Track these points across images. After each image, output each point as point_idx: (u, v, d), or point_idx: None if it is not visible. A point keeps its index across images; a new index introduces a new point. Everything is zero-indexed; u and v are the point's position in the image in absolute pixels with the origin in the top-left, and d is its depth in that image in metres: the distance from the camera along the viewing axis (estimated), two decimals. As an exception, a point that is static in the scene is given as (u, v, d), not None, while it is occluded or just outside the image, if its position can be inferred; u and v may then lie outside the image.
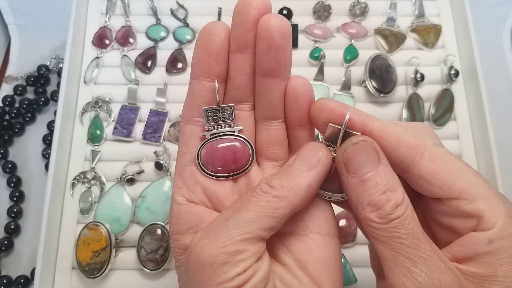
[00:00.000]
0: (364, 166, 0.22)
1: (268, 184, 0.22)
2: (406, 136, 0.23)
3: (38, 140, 0.56)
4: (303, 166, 0.23)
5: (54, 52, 0.61)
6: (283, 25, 0.23)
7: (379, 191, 0.21)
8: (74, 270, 0.45)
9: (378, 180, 0.21)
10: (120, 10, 0.56)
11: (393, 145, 0.23)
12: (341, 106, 0.23)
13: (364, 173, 0.22)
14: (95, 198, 0.47)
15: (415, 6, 0.57)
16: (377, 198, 0.21)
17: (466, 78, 0.53)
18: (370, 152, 0.22)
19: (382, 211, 0.21)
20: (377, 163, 0.22)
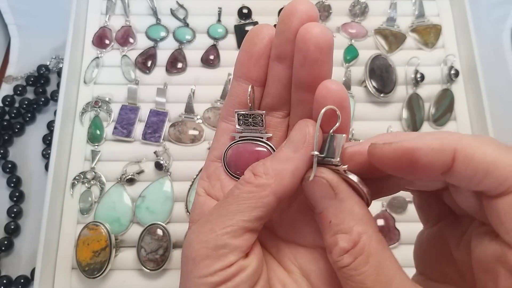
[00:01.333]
0: (319, 202, 0.21)
1: (252, 172, 0.21)
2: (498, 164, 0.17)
3: (38, 140, 0.56)
4: (290, 148, 0.21)
5: (54, 52, 0.61)
6: (322, 37, 0.20)
7: (331, 232, 0.20)
8: (74, 270, 0.45)
9: (330, 219, 0.20)
10: (120, 10, 0.56)
11: (478, 178, 0.17)
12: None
13: (320, 209, 0.21)
14: (95, 198, 0.47)
15: (415, 6, 0.57)
16: (328, 240, 0.20)
17: (466, 78, 0.53)
18: (323, 188, 0.20)
19: (331, 256, 0.20)
20: (332, 199, 0.20)
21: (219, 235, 0.20)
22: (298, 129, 0.22)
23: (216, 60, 0.53)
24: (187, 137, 0.49)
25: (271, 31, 0.23)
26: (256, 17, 0.56)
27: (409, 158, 0.18)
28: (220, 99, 0.51)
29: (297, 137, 0.21)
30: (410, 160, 0.18)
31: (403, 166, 0.19)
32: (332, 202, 0.20)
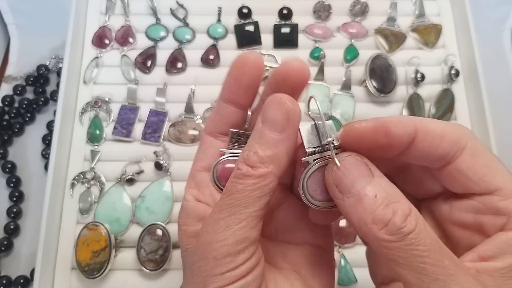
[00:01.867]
0: (357, 182, 0.20)
1: (247, 164, 0.21)
2: (447, 131, 0.21)
3: (38, 140, 0.56)
4: (274, 129, 0.21)
5: (53, 52, 0.60)
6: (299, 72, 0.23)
7: (381, 205, 0.19)
8: (74, 270, 0.45)
9: (376, 194, 0.19)
10: (119, 10, 0.56)
11: (435, 143, 0.21)
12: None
13: (359, 190, 0.20)
14: (94, 198, 0.47)
15: (416, 6, 0.57)
16: (381, 212, 0.19)
17: (467, 78, 0.53)
18: (360, 167, 0.20)
19: (391, 226, 0.19)
20: (371, 177, 0.20)
21: (237, 230, 0.21)
22: (274, 108, 0.22)
23: (216, 60, 0.53)
24: (187, 137, 0.49)
25: (260, 61, 0.24)
26: (256, 16, 0.56)
27: (384, 130, 0.20)
28: (220, 99, 0.51)
29: (279, 116, 0.21)
30: (385, 132, 0.20)
31: (380, 138, 0.21)
32: (371, 179, 0.20)
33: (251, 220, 0.21)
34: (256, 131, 0.22)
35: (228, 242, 0.21)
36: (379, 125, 0.21)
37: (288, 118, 0.21)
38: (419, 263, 0.18)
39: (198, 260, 0.21)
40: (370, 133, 0.21)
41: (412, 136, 0.21)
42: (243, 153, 0.22)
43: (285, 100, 0.21)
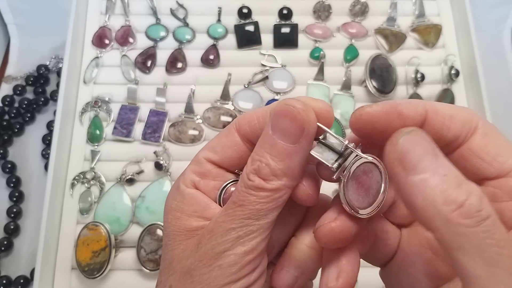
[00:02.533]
0: (423, 160, 0.18)
1: (258, 176, 0.20)
2: (457, 112, 0.20)
3: (38, 140, 0.56)
4: (287, 140, 0.20)
5: (53, 52, 0.60)
6: None
7: (453, 184, 0.17)
8: (74, 270, 0.45)
9: (445, 173, 0.17)
10: (119, 10, 0.56)
11: (446, 124, 0.20)
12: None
13: (426, 167, 0.18)
14: (94, 198, 0.47)
15: (416, 6, 0.57)
16: (454, 192, 0.17)
17: (467, 78, 0.53)
18: (425, 143, 0.18)
19: (468, 208, 0.16)
20: (436, 155, 0.18)
21: (247, 241, 0.20)
22: (287, 117, 0.20)
23: (216, 60, 0.53)
24: (187, 137, 0.49)
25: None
26: (256, 16, 0.56)
27: (396, 111, 0.20)
28: (220, 99, 0.51)
29: (293, 127, 0.20)
30: (397, 113, 0.20)
31: (392, 121, 0.20)
32: (436, 157, 0.18)
33: (262, 232, 0.21)
34: (265, 138, 0.21)
35: (237, 252, 0.20)
36: (390, 107, 0.20)
37: (303, 129, 0.20)
38: (494, 253, 0.16)
39: (200, 266, 0.21)
40: (383, 115, 0.20)
41: (423, 116, 0.20)
42: (253, 161, 0.21)
43: (298, 110, 0.20)
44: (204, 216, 0.23)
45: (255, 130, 0.22)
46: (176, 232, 0.23)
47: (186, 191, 0.23)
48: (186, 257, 0.21)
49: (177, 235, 0.23)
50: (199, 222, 0.22)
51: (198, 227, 0.22)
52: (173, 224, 0.23)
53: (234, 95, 0.52)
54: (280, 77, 0.53)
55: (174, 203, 0.23)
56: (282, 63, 0.53)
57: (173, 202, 0.23)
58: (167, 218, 0.23)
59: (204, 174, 0.24)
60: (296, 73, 0.53)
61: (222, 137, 0.24)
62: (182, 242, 0.22)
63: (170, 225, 0.23)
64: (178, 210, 0.23)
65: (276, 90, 0.52)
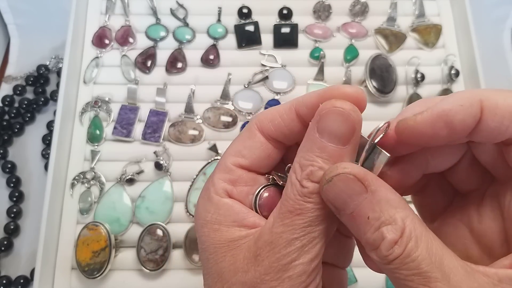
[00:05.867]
0: (348, 202, 0.19)
1: (312, 181, 0.20)
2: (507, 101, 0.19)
3: (38, 140, 0.56)
4: (338, 142, 0.20)
5: (53, 52, 0.60)
6: None
7: (372, 228, 0.18)
8: (74, 270, 0.45)
9: (368, 215, 0.19)
10: (119, 10, 0.56)
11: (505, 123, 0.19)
12: None
13: (351, 209, 0.19)
14: (94, 198, 0.47)
15: (416, 6, 0.57)
16: (371, 237, 0.19)
17: (467, 78, 0.53)
18: (350, 184, 0.19)
19: (379, 252, 0.18)
20: (364, 193, 0.19)
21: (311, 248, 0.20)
22: (338, 119, 0.20)
23: (216, 60, 0.53)
24: (187, 137, 0.49)
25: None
26: (256, 16, 0.56)
27: (444, 121, 0.19)
28: (220, 99, 0.51)
29: (344, 129, 0.20)
30: (445, 122, 0.19)
31: (439, 131, 0.19)
32: (364, 196, 0.19)
33: (323, 236, 0.20)
34: (312, 141, 0.20)
35: (305, 261, 0.20)
36: (436, 117, 0.19)
37: (354, 130, 0.20)
38: (402, 284, 0.18)
39: (268, 280, 0.20)
40: (428, 128, 0.19)
41: (478, 117, 0.19)
42: (304, 167, 0.20)
43: (349, 111, 0.20)
44: (245, 225, 0.22)
45: (279, 127, 0.22)
46: (217, 244, 0.22)
47: (221, 202, 0.22)
48: (243, 270, 0.21)
49: (218, 247, 0.22)
50: (241, 231, 0.22)
51: (241, 237, 0.22)
52: (212, 237, 0.22)
53: (234, 95, 0.52)
54: (280, 77, 0.53)
55: (209, 216, 0.22)
56: (282, 63, 0.53)
57: (207, 215, 0.22)
58: (204, 231, 0.22)
59: (236, 181, 0.23)
60: (296, 73, 0.53)
61: (246, 140, 0.23)
62: (227, 253, 0.22)
63: (209, 238, 0.22)
64: (216, 222, 0.22)
65: (276, 90, 0.52)
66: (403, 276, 0.18)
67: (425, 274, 0.18)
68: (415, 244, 0.18)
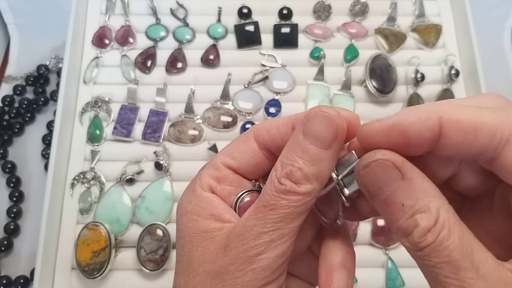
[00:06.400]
0: (383, 188, 0.19)
1: (290, 180, 0.21)
2: (483, 121, 0.18)
3: (38, 140, 0.56)
4: (320, 145, 0.21)
5: (53, 52, 0.60)
6: None
7: (406, 215, 0.19)
8: (74, 270, 0.45)
9: (403, 202, 0.19)
10: (119, 10, 0.56)
11: (469, 138, 0.19)
12: None
13: (386, 195, 0.19)
14: (94, 198, 0.47)
15: (416, 6, 0.57)
16: (404, 224, 0.19)
17: (467, 78, 0.53)
18: (387, 170, 0.19)
19: (411, 239, 0.19)
20: (400, 180, 0.19)
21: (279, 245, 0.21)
22: (322, 123, 0.21)
23: (216, 60, 0.53)
24: (187, 137, 0.49)
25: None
26: (256, 16, 0.56)
27: (398, 131, 0.19)
28: (220, 99, 0.51)
29: (327, 133, 0.21)
30: (399, 133, 0.19)
31: (394, 140, 0.19)
32: (401, 183, 0.19)
33: (292, 235, 0.21)
34: (296, 142, 0.21)
35: (271, 255, 0.21)
36: (391, 126, 0.19)
37: (336, 135, 0.21)
38: (431, 271, 0.18)
39: (232, 270, 0.21)
40: (382, 136, 0.20)
41: (436, 131, 0.19)
42: (284, 166, 0.21)
43: (333, 116, 0.20)
44: (221, 220, 0.23)
45: (274, 139, 0.23)
46: (193, 234, 0.23)
47: (203, 195, 0.23)
48: (211, 260, 0.21)
49: (194, 237, 0.23)
50: (217, 224, 0.23)
51: (216, 229, 0.22)
52: (189, 226, 0.23)
53: (234, 95, 0.52)
54: (280, 77, 0.53)
55: (190, 206, 0.23)
56: (282, 63, 0.53)
57: (188, 205, 0.23)
58: (182, 220, 0.23)
59: (221, 179, 0.24)
60: (296, 73, 0.53)
61: (240, 144, 0.24)
62: (200, 243, 0.22)
63: (186, 227, 0.23)
64: (194, 213, 0.23)
65: (276, 90, 0.52)
66: (433, 264, 0.18)
67: (456, 262, 0.18)
68: (448, 233, 0.18)
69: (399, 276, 0.45)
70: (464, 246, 0.18)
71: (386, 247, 0.46)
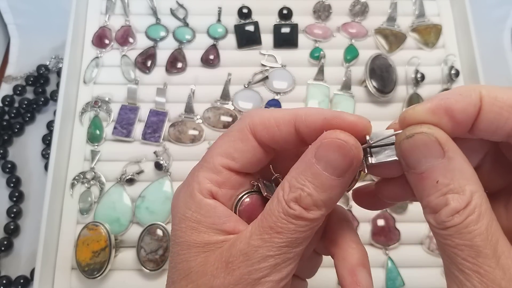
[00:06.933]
0: (422, 162, 0.19)
1: (299, 205, 0.20)
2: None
3: (38, 140, 0.56)
4: (333, 172, 0.20)
5: (53, 52, 0.60)
6: None
7: (438, 193, 0.19)
8: (74, 270, 0.45)
9: (438, 179, 0.18)
10: (119, 10, 0.56)
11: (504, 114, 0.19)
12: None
13: (423, 169, 0.19)
14: (94, 198, 0.47)
15: (416, 6, 0.57)
16: (435, 201, 0.19)
17: (467, 78, 0.53)
18: (429, 145, 0.19)
19: (437, 216, 0.19)
20: (440, 157, 0.19)
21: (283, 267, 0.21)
22: (338, 152, 0.20)
23: (216, 60, 0.53)
24: (187, 137, 0.49)
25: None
26: (256, 16, 0.56)
27: (444, 109, 0.19)
28: (220, 99, 0.51)
29: (342, 162, 0.20)
30: (445, 111, 0.19)
31: (440, 120, 0.19)
32: (440, 160, 0.19)
33: (296, 258, 0.21)
34: (307, 165, 0.20)
35: (275, 279, 0.21)
36: (436, 105, 0.19)
37: (351, 164, 0.20)
38: (451, 251, 0.18)
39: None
40: (428, 115, 0.19)
41: (478, 106, 0.19)
42: (293, 189, 0.20)
43: (351, 147, 0.20)
44: (224, 230, 0.22)
45: (274, 137, 0.22)
46: (192, 243, 0.22)
47: (204, 202, 0.22)
48: (212, 274, 0.21)
49: (192, 246, 0.22)
50: (219, 236, 0.22)
51: (218, 241, 0.22)
52: (188, 235, 0.22)
53: (234, 95, 0.52)
54: (280, 77, 0.53)
55: (189, 212, 0.22)
56: (282, 63, 0.53)
57: (187, 211, 0.23)
58: (181, 226, 0.22)
59: (223, 184, 0.23)
60: (296, 73, 0.53)
61: (237, 142, 0.23)
62: (200, 254, 0.22)
63: (185, 235, 0.22)
64: (195, 221, 0.22)
65: (276, 90, 0.52)
66: (454, 244, 0.18)
67: (477, 248, 0.18)
68: (476, 218, 0.18)
69: (399, 276, 0.45)
70: (490, 235, 0.18)
71: (386, 247, 0.46)
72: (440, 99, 0.19)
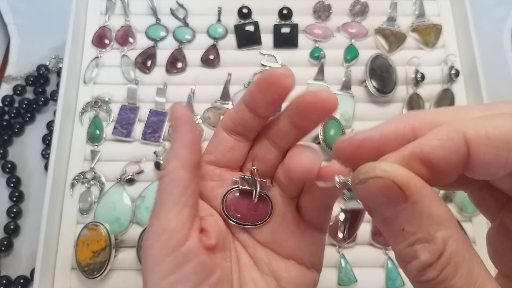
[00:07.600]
0: (381, 208, 0.16)
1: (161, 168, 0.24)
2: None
3: (38, 140, 0.56)
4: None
5: (53, 52, 0.60)
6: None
7: (406, 242, 0.16)
8: (74, 270, 0.45)
9: (404, 226, 0.16)
10: (119, 10, 0.56)
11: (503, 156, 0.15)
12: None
13: (385, 215, 0.16)
14: (94, 198, 0.47)
15: (416, 6, 0.57)
16: (403, 251, 0.16)
17: (467, 78, 0.53)
18: (387, 192, 0.16)
19: (409, 268, 0.16)
20: (402, 202, 0.16)
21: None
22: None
23: (216, 60, 0.53)
24: (187, 137, 0.49)
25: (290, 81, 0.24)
26: (256, 16, 0.56)
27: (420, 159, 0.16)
28: (220, 99, 0.51)
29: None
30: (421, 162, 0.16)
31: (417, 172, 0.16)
32: (403, 206, 0.16)
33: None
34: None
35: None
36: (409, 155, 0.16)
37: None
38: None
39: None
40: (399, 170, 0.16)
41: (464, 151, 0.16)
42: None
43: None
44: None
45: (235, 120, 0.25)
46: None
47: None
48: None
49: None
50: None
51: None
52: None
53: (234, 95, 0.52)
54: (280, 77, 0.53)
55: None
56: (282, 63, 0.53)
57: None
58: None
59: (203, 177, 0.26)
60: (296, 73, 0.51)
61: (213, 139, 0.27)
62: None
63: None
64: None
65: (276, 90, 0.52)
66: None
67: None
68: (453, 270, 0.16)
69: (399, 276, 0.45)
70: (473, 284, 0.16)
71: (386, 247, 0.46)
72: (415, 146, 0.16)
